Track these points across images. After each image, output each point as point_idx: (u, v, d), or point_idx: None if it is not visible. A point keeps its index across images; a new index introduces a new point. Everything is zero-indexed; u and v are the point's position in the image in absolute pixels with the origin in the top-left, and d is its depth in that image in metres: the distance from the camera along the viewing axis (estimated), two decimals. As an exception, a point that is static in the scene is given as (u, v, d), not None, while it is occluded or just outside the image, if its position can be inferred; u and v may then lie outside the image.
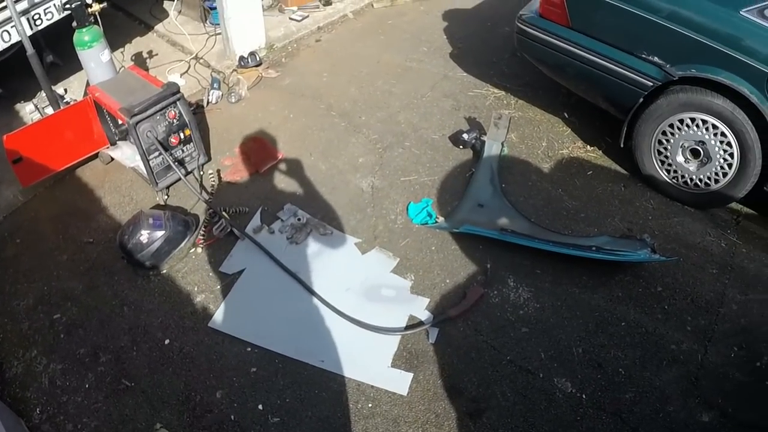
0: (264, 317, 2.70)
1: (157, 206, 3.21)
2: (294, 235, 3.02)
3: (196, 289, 2.83)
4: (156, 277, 2.89)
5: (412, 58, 4.49)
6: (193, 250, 2.98)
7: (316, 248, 2.99)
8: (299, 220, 3.08)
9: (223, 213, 3.05)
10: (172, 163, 2.99)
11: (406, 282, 2.81)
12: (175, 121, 3.07)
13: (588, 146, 3.56)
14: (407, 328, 2.62)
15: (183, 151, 3.19)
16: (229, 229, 3.02)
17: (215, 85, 4.09)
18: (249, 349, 2.58)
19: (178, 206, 3.23)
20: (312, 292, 2.76)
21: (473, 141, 3.49)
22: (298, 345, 2.57)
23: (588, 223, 3.09)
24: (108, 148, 3.41)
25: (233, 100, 4.02)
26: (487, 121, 3.72)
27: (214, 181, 3.37)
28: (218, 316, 2.71)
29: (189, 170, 3.26)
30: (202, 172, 3.35)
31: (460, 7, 5.20)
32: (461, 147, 3.53)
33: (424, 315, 2.67)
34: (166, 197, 3.23)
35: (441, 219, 3.11)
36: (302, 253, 2.97)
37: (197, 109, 3.93)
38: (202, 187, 3.22)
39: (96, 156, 3.49)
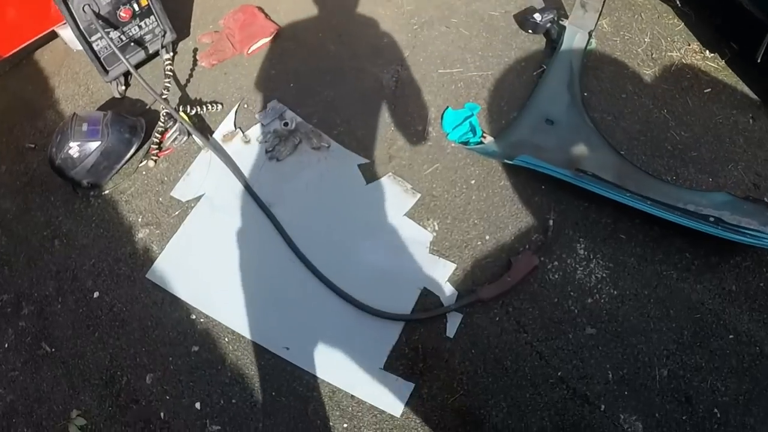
0: (217, 273, 1.95)
1: (111, 101, 2.40)
2: (276, 146, 2.16)
3: (140, 219, 2.10)
4: (96, 199, 2.16)
5: None
6: (143, 163, 2.19)
7: (304, 169, 2.13)
8: (286, 125, 2.20)
9: (182, 113, 2.19)
10: (114, 48, 2.10)
11: (425, 234, 1.94)
12: (123, -14, 2.17)
13: (707, 51, 2.33)
14: (416, 311, 1.79)
15: (140, 27, 2.29)
16: (186, 136, 2.20)
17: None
18: (194, 317, 1.87)
19: (137, 100, 2.41)
20: (288, 241, 1.95)
21: (548, 24, 2.37)
22: (258, 321, 1.82)
23: (700, 168, 2.04)
24: (61, 25, 2.55)
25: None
26: None
27: (185, 66, 2.49)
28: (160, 263, 1.99)
29: (151, 52, 2.37)
30: (171, 53, 2.46)
31: None
32: (530, 31, 2.42)
33: (444, 291, 1.82)
34: (123, 89, 2.41)
35: (489, 138, 2.13)
36: (284, 174, 2.12)
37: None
38: (167, 75, 2.34)
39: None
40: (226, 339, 1.83)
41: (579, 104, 2.13)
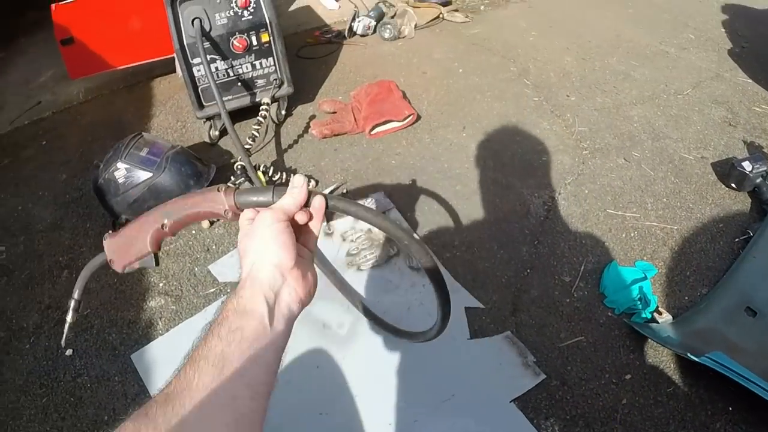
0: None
1: (200, 144, 2.09)
2: (363, 251, 1.65)
3: (162, 285, 1.63)
4: None
5: (671, 43, 2.77)
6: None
7: (390, 291, 1.56)
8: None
9: (260, 173, 1.76)
10: (210, 79, 1.76)
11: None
12: (245, 12, 1.87)
13: None
14: None
15: (253, 66, 1.97)
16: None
17: (371, 14, 2.86)
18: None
19: (228, 151, 2.08)
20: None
21: (759, 179, 1.80)
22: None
23: None
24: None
25: (387, 36, 2.76)
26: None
27: (293, 131, 2.14)
28: (154, 347, 1.49)
29: (257, 100, 2.03)
30: (283, 111, 2.14)
31: (748, 4, 3.23)
32: (733, 186, 1.84)
33: None
34: (216, 133, 2.09)
35: (666, 315, 1.50)
36: (362, 286, 1.58)
37: (334, 38, 2.75)
38: (258, 122, 1.93)
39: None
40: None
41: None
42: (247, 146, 1.84)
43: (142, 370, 1.43)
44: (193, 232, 1.77)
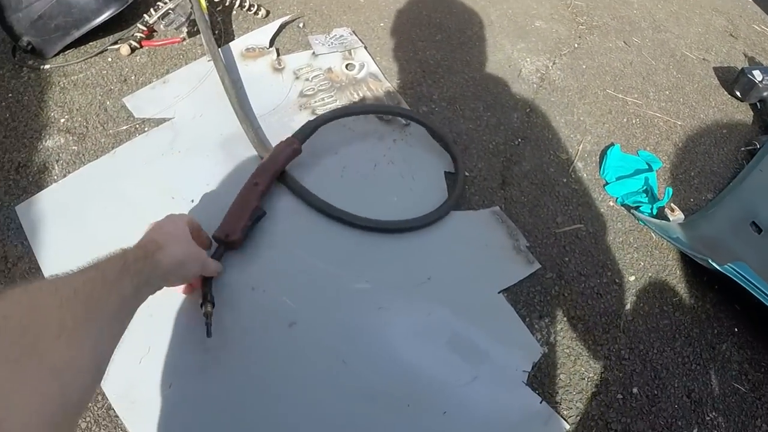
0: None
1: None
2: (320, 92, 1.23)
3: (64, 120, 1.12)
4: (31, 72, 1.21)
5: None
6: (116, 46, 1.28)
7: (351, 142, 1.16)
8: (350, 67, 1.29)
9: None
10: None
11: (527, 338, 0.97)
12: None
13: None
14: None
15: None
16: (186, 27, 1.30)
17: None
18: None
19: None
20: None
21: (767, 92, 1.58)
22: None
23: None
24: None
25: None
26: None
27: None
28: (45, 197, 1.01)
29: None
30: None
31: None
32: (738, 94, 1.60)
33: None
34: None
35: (678, 213, 1.23)
36: (315, 135, 1.13)
37: None
38: None
39: None
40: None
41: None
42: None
43: (28, 226, 0.97)
44: (109, 59, 1.25)
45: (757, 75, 1.55)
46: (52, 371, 0.46)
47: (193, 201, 1.03)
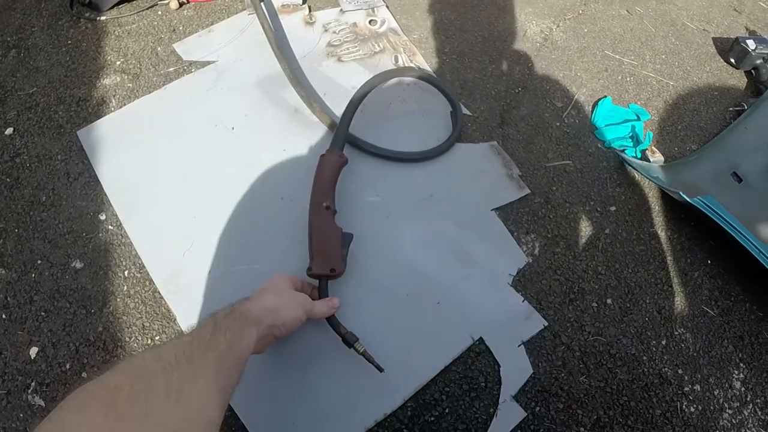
0: (171, 172, 1.15)
1: None
2: (345, 43, 1.40)
3: (119, 62, 1.32)
4: (88, 23, 1.41)
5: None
6: (167, 2, 1.47)
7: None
8: (373, 23, 1.47)
9: None
10: None
11: (515, 251, 1.15)
12: None
13: None
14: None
15: None
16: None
17: None
18: (102, 217, 1.08)
19: None
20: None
21: (760, 60, 1.69)
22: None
23: None
24: None
25: None
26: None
27: None
28: (104, 124, 1.21)
29: None
30: None
31: None
32: (732, 61, 1.73)
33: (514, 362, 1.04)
34: None
35: (658, 155, 1.37)
36: (339, 76, 1.34)
37: None
38: None
39: None
40: (125, 273, 1.06)
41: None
42: None
43: (89, 147, 1.17)
44: (159, 13, 1.45)
45: (751, 44, 1.67)
46: (167, 430, 0.51)
47: (233, 128, 1.22)
